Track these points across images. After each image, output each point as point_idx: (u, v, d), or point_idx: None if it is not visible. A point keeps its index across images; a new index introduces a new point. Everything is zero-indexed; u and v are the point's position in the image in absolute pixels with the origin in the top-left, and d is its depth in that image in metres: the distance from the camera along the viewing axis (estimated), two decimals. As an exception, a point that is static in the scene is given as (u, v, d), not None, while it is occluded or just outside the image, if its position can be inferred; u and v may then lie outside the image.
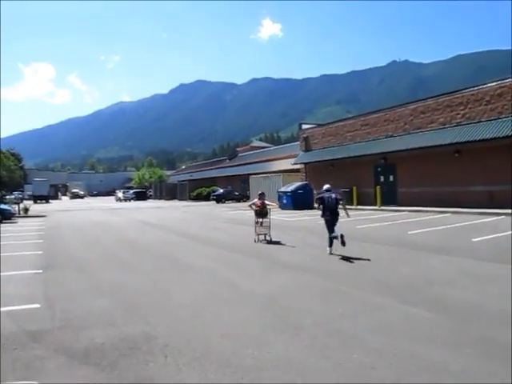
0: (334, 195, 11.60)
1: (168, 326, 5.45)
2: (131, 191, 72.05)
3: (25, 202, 51.08)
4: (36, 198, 63.21)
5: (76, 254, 12.07)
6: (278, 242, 13.48)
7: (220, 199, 46.58)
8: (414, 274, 8.36)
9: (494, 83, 21.35)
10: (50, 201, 65.08)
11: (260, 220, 13.77)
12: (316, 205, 12.54)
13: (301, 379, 3.92)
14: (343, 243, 10.54)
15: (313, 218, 21.99)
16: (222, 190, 48.96)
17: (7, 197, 50.87)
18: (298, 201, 28.39)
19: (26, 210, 29.73)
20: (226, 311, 6.08)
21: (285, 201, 29.83)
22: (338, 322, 5.55)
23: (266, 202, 14.27)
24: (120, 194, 67.02)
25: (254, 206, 14.12)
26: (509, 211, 18.78)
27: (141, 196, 66.69)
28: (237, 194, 47.89)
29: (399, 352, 4.53)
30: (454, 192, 22.74)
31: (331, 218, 11.40)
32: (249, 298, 6.80)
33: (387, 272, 8.65)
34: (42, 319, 5.79)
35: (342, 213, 11.90)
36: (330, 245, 11.26)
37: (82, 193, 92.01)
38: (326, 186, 12.11)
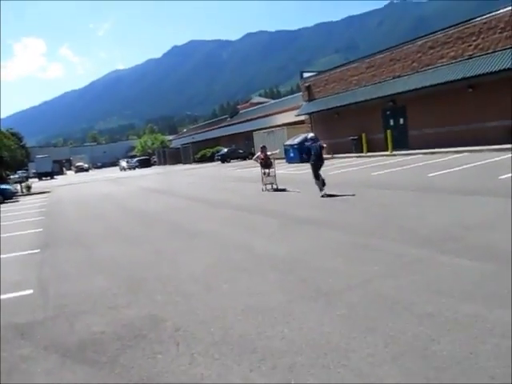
0: (318, 143, 12.91)
1: (178, 304, 4.67)
2: (135, 159, 71.09)
3: (30, 180, 50.64)
4: (40, 175, 62.59)
5: (77, 228, 11.33)
6: (283, 190, 14.51)
7: (225, 159, 45.59)
8: (446, 220, 7.50)
9: (509, 7, 19.67)
10: (55, 176, 64.46)
11: (266, 171, 15.09)
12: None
13: (347, 363, 3.13)
14: (324, 186, 12.19)
15: (323, 168, 21.05)
16: (226, 150, 47.85)
17: (11, 176, 50.33)
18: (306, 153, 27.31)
19: (29, 187, 29.07)
20: (243, 280, 5.29)
21: (292, 154, 28.81)
22: (375, 283, 4.74)
23: (269, 153, 15.60)
24: (124, 163, 66.14)
25: (258, 160, 15.50)
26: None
27: (145, 163, 65.75)
28: (241, 152, 46.80)
29: (458, 316, 3.72)
30: (470, 130, 21.52)
31: (316, 163, 12.65)
32: (267, 263, 6.00)
33: (416, 220, 7.81)
34: (33, 308, 5.03)
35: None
36: (322, 187, 12.30)
37: (87, 166, 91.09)
38: (311, 135, 13.73)
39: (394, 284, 4.65)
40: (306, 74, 35.21)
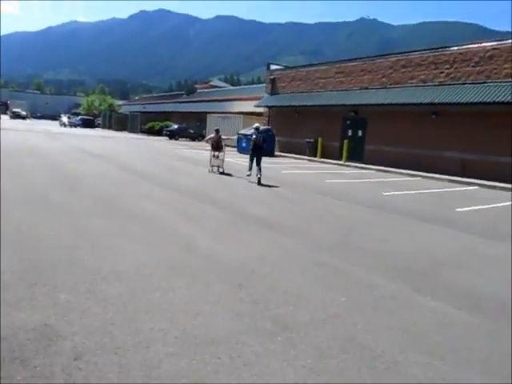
0: (262, 135, 14.25)
1: (87, 313, 3.43)
2: (78, 117, 66.88)
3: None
4: (-32, 115, 57.18)
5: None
6: (229, 174, 15.07)
7: (173, 135, 43.59)
8: (411, 247, 6.80)
9: (487, 43, 19.62)
10: (-15, 118, 59.15)
11: (216, 153, 15.46)
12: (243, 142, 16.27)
13: None
14: (259, 183, 13.06)
15: (276, 165, 20.19)
16: (176, 126, 45.78)
17: None
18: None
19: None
20: (180, 290, 4.11)
21: (244, 144, 27.65)
22: (345, 321, 3.76)
23: (224, 137, 16.33)
24: (65, 118, 61.88)
25: (210, 141, 15.95)
26: (481, 182, 17.77)
27: (88, 124, 61.83)
28: (192, 132, 45.02)
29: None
30: (425, 155, 21.46)
31: (255, 154, 13.92)
32: (213, 268, 4.86)
33: (379, 243, 6.97)
34: None
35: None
36: (250, 169, 13.87)
37: (25, 113, 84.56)
38: (256, 125, 14.87)
39: (367, 328, 3.69)
40: (273, 67, 34.15)
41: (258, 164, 13.70)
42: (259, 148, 13.90)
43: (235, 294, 4.13)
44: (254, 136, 14.13)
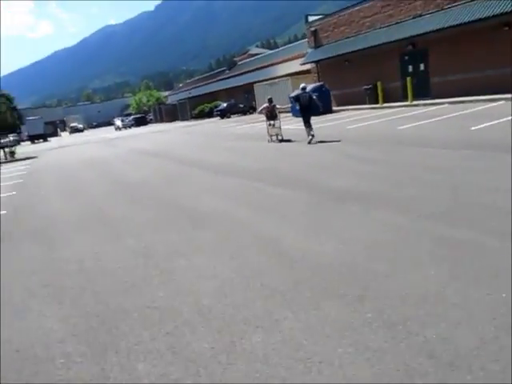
0: (308, 94, 14.02)
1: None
2: (130, 118, 68.05)
3: (22, 143, 48.22)
4: (33, 138, 59.59)
5: (45, 212, 9.01)
6: (289, 140, 14.86)
7: (224, 114, 42.79)
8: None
9: None
10: (49, 139, 61.46)
11: (272, 122, 15.26)
12: (296, 105, 14.94)
13: None
14: (310, 141, 13.06)
15: (338, 122, 18.74)
16: (225, 104, 44.90)
17: (1, 140, 47.77)
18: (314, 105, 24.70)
19: (12, 153, 26.69)
20: (298, 325, 3.14)
21: (298, 107, 26.21)
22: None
23: (278, 106, 15.84)
24: (118, 122, 63.14)
25: (264, 111, 15.72)
26: None
27: (140, 122, 62.84)
28: (242, 106, 43.92)
29: None
30: (502, 75, 18.88)
31: (305, 113, 13.67)
32: (322, 279, 3.79)
33: (499, 193, 5.59)
34: None
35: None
36: (309, 134, 13.28)
37: (81, 126, 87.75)
38: (302, 85, 14.49)
39: None
40: (311, 18, 31.95)
41: (307, 124, 13.49)
42: (306, 108, 13.73)
43: (359, 314, 3.08)
44: (300, 96, 13.97)
